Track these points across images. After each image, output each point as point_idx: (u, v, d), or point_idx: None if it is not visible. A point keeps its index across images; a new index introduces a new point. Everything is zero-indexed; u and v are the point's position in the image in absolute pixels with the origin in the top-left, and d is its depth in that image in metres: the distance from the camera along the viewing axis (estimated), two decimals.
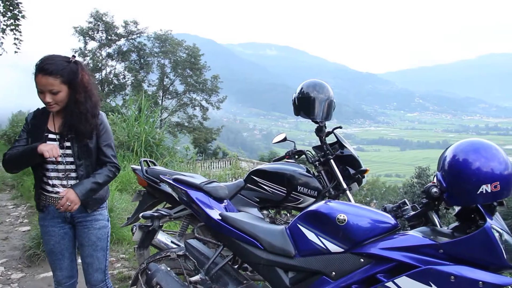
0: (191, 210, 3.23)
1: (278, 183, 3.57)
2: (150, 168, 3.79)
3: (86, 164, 2.60)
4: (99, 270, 2.76)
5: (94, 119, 2.57)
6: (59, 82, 2.41)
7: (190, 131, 37.15)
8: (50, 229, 2.67)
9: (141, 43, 38.56)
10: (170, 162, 8.49)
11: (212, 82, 38.74)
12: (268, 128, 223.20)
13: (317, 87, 3.70)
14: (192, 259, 2.51)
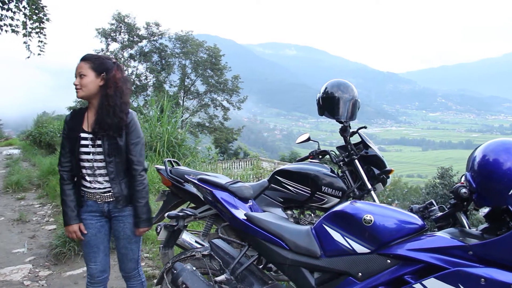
0: (216, 210, 3.24)
1: (302, 183, 3.55)
2: (174, 168, 3.82)
3: (116, 161, 2.71)
4: (133, 260, 2.93)
5: (123, 115, 2.68)
6: (88, 67, 2.63)
7: (211, 131, 37.30)
8: (87, 221, 2.81)
9: (163, 44, 38.87)
10: (192, 162, 8.53)
11: (233, 82, 38.81)
12: (288, 128, 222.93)
13: (341, 87, 3.67)
14: (217, 259, 2.51)
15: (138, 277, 3.01)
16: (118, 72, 2.71)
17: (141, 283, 3.03)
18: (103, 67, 2.65)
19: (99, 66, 2.64)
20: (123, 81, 2.72)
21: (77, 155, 2.69)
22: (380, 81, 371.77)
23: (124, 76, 2.77)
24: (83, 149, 2.69)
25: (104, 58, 2.72)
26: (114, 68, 2.69)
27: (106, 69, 2.66)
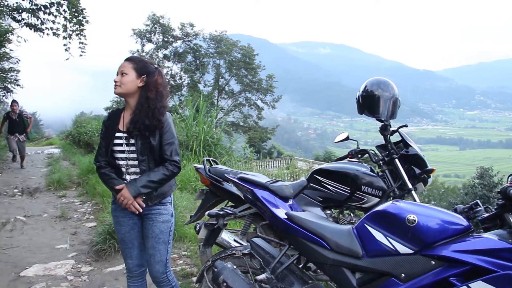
0: (256, 209, 3.25)
1: (342, 183, 3.52)
2: (212, 167, 3.85)
3: (148, 160, 2.77)
4: (160, 262, 2.90)
5: (161, 117, 2.75)
6: (130, 67, 2.75)
7: (245, 130, 37.42)
8: (121, 219, 2.89)
9: (197, 44, 39.20)
10: (228, 161, 8.58)
11: (267, 81, 38.82)
12: (322, 128, 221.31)
13: (381, 85, 3.62)
14: (258, 258, 2.51)
15: (167, 283, 2.96)
16: (160, 77, 2.81)
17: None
18: (145, 69, 2.75)
19: (141, 68, 2.75)
20: (163, 86, 2.83)
21: (112, 153, 2.78)
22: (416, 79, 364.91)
23: (165, 81, 2.87)
24: (117, 147, 2.78)
25: (147, 62, 2.82)
26: (156, 72, 2.79)
27: (148, 72, 2.76)
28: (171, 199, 2.95)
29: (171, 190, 2.94)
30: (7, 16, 10.59)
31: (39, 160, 15.50)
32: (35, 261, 4.97)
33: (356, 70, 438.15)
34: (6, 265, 4.84)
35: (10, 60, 17.10)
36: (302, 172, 9.72)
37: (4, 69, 17.24)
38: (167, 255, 2.93)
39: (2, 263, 4.91)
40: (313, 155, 33.62)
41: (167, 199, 2.90)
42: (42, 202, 8.35)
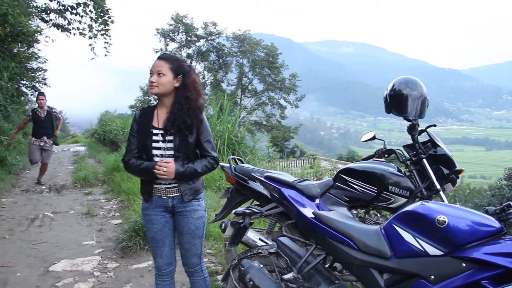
0: (282, 208, 3.24)
1: (369, 182, 3.49)
2: (238, 165, 3.86)
3: (184, 157, 2.80)
4: (196, 255, 2.98)
5: (200, 115, 2.81)
6: (167, 67, 2.73)
7: (268, 129, 37.44)
8: (152, 217, 2.89)
9: (220, 43, 39.39)
10: (252, 160, 8.58)
11: (290, 80, 38.77)
12: (345, 127, 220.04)
13: (409, 84, 3.57)
14: (284, 257, 2.51)
15: (201, 273, 3.05)
16: (195, 76, 2.84)
17: (204, 279, 3.07)
18: (181, 69, 2.76)
19: (177, 68, 2.75)
20: (199, 84, 2.86)
21: (150, 150, 2.79)
22: (440, 78, 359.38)
23: (198, 78, 2.89)
24: (154, 144, 2.80)
25: (182, 61, 2.83)
26: (191, 71, 2.81)
27: (184, 72, 2.77)
28: (202, 195, 2.99)
29: (203, 186, 2.99)
30: (36, 17, 10.80)
31: (66, 157, 15.76)
32: (63, 256, 5.06)
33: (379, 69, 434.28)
34: (35, 260, 4.94)
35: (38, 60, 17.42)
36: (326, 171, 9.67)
37: (32, 69, 17.56)
38: (201, 248, 3.00)
39: (31, 258, 5.01)
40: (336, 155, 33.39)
41: (200, 195, 2.94)
42: (68, 199, 8.49)
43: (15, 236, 5.94)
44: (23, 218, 6.93)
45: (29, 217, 6.93)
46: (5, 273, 4.52)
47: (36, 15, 10.77)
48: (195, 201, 2.89)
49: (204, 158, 2.85)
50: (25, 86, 18.37)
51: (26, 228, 6.33)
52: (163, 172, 2.66)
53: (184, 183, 2.82)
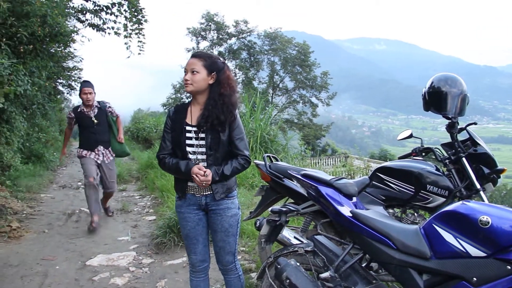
0: (319, 206, 3.22)
1: (406, 181, 3.43)
2: (273, 163, 3.86)
3: (216, 156, 2.80)
4: (230, 253, 2.98)
5: (235, 111, 2.81)
6: (200, 64, 2.74)
7: (299, 127, 37.31)
8: (186, 215, 2.92)
9: (251, 41, 39.46)
10: (284, 158, 8.56)
11: (321, 78, 38.54)
12: (377, 125, 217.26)
13: (449, 81, 3.48)
14: (321, 256, 2.49)
15: (235, 271, 3.05)
16: (229, 72, 2.82)
17: (238, 277, 3.08)
18: (215, 66, 2.76)
19: (211, 65, 2.75)
20: (233, 80, 2.85)
21: (184, 147, 2.81)
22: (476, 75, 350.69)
23: (232, 74, 2.87)
24: (187, 141, 2.82)
25: (215, 57, 2.82)
26: (225, 67, 2.80)
27: (218, 69, 2.76)
28: (236, 193, 2.99)
29: (236, 184, 2.98)
30: (72, 17, 11.03)
31: None
32: (99, 251, 5.17)
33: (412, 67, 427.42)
34: (73, 254, 5.07)
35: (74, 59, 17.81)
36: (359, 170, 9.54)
37: (68, 68, 17.97)
38: (235, 246, 3.00)
39: (69, 252, 5.14)
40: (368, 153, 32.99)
41: (233, 193, 2.93)
42: None
43: (53, 230, 6.10)
44: (60, 213, 7.12)
45: (67, 212, 7.12)
46: (45, 266, 4.66)
47: (72, 15, 11.01)
48: (228, 199, 2.89)
49: (236, 158, 2.83)
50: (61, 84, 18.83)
51: (64, 223, 6.50)
52: (199, 182, 2.67)
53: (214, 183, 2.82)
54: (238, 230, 3.00)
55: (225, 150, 2.83)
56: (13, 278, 4.34)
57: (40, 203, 7.86)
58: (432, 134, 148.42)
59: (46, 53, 8.69)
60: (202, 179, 2.64)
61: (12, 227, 5.81)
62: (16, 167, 8.80)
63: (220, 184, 2.82)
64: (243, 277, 3.14)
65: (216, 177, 2.71)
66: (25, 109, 9.77)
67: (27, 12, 7.12)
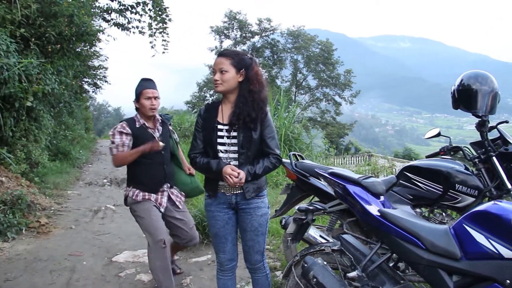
0: (346, 205, 3.20)
1: (434, 180, 3.38)
2: (299, 161, 3.85)
3: (248, 154, 2.78)
4: (259, 252, 2.96)
5: (265, 107, 2.79)
6: (228, 63, 2.72)
7: (323, 126, 37.15)
8: (216, 214, 2.91)
9: (274, 39, 39.43)
10: (308, 156, 8.54)
11: (345, 76, 38.31)
12: (401, 124, 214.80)
13: (479, 78, 3.41)
14: (348, 255, 2.47)
15: (263, 270, 3.03)
16: (257, 68, 2.79)
17: (265, 276, 3.06)
18: (243, 63, 2.74)
19: (239, 63, 2.73)
20: (261, 76, 2.81)
21: (215, 146, 2.80)
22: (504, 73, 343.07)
23: (260, 69, 2.84)
24: (219, 139, 2.81)
25: (243, 54, 2.80)
26: (253, 64, 2.77)
27: (246, 66, 2.74)
28: (265, 192, 2.97)
29: (266, 183, 2.96)
30: (98, 17, 11.20)
31: None
32: (125, 247, 5.23)
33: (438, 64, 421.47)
34: (99, 250, 5.14)
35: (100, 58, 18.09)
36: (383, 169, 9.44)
37: (94, 67, 18.27)
38: (264, 245, 2.98)
39: (96, 248, 5.22)
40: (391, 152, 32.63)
41: (263, 192, 2.91)
42: None
43: (80, 226, 6.20)
44: (87, 209, 7.23)
45: (93, 209, 7.23)
46: (73, 261, 4.74)
47: (98, 15, 11.18)
48: (259, 198, 2.87)
49: (267, 157, 2.81)
50: (87, 83, 19.16)
51: (90, 219, 6.61)
52: (232, 183, 2.65)
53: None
54: (267, 230, 2.98)
55: (257, 148, 2.81)
56: (43, 272, 4.42)
57: (67, 199, 8.00)
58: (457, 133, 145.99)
59: (72, 52, 8.85)
60: (236, 180, 2.63)
61: (41, 223, 5.93)
62: (44, 164, 9.01)
63: (251, 183, 2.80)
64: (270, 276, 3.13)
65: (248, 177, 2.70)
66: (52, 107, 9.98)
67: (55, 12, 7.26)
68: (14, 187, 6.57)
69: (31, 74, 6.63)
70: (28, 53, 6.95)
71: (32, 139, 8.23)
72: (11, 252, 4.99)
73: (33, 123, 7.98)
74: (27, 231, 5.73)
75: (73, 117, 15.57)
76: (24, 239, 5.50)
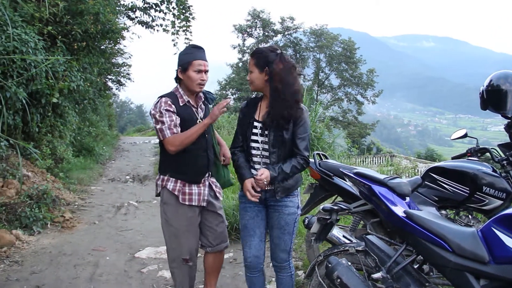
0: (370, 205, 3.18)
1: (460, 182, 3.33)
2: (322, 161, 3.83)
3: (278, 154, 2.79)
4: (285, 251, 2.95)
5: (295, 104, 2.74)
6: (253, 63, 2.78)
7: (344, 125, 36.93)
8: (246, 205, 2.95)
9: (297, 38, 39.35)
10: (331, 156, 8.49)
11: (367, 76, 38.02)
12: (423, 124, 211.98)
13: (509, 79, 3.33)
14: (373, 256, 2.45)
15: (288, 269, 3.02)
16: (280, 64, 2.72)
17: (290, 276, 3.05)
18: (265, 61, 2.72)
19: (261, 61, 2.73)
20: (285, 71, 2.72)
21: (249, 142, 2.84)
22: None
23: (287, 64, 2.75)
24: (253, 137, 2.84)
25: (268, 51, 2.76)
26: (276, 60, 2.72)
27: (268, 63, 2.71)
28: (297, 192, 2.96)
29: (297, 184, 2.92)
30: (123, 14, 11.33)
31: (147, 149, 16.41)
32: (147, 244, 5.27)
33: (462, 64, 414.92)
34: (122, 246, 5.20)
35: (123, 56, 18.30)
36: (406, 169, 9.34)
37: (118, 64, 18.48)
38: (291, 245, 2.97)
39: (119, 244, 5.28)
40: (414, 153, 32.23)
41: (294, 192, 2.91)
42: (151, 189, 8.83)
43: (103, 222, 6.28)
44: (110, 205, 7.31)
45: (116, 205, 7.31)
46: (96, 256, 4.80)
47: (123, 13, 11.30)
48: (287, 197, 2.87)
49: (295, 157, 2.78)
50: (111, 80, 19.38)
51: (113, 215, 6.68)
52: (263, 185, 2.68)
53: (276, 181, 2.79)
54: (295, 230, 2.96)
55: (290, 149, 2.80)
56: (67, 266, 4.49)
57: (91, 195, 8.11)
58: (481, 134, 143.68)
59: (97, 50, 8.96)
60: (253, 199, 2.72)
61: (65, 218, 6.02)
62: (68, 159, 9.14)
63: (281, 184, 2.80)
64: (294, 276, 3.12)
65: (274, 174, 2.68)
66: (77, 103, 10.13)
67: (81, 10, 7.36)
68: (39, 182, 6.69)
69: (57, 71, 6.74)
70: (54, 50, 7.07)
71: (57, 135, 8.37)
72: (37, 246, 5.09)
73: (59, 119, 8.11)
74: (52, 225, 5.83)
75: (97, 114, 15.76)
76: (49, 233, 5.59)
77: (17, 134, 6.66)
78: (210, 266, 3.40)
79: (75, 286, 4.02)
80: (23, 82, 5.86)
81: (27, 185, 6.31)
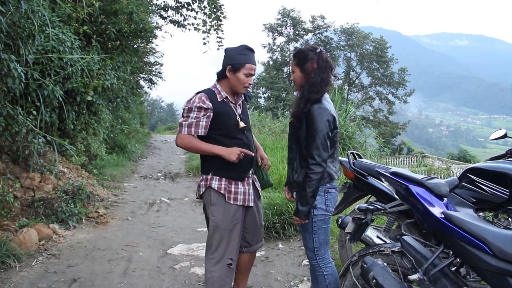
0: (407, 206, 3.13)
1: (500, 183, 3.24)
2: (356, 160, 3.79)
3: (296, 149, 2.88)
4: (308, 249, 3.02)
5: (302, 105, 2.77)
6: (294, 63, 2.87)
7: (375, 125, 36.53)
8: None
9: (328, 37, 39.13)
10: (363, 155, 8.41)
11: (399, 75, 37.51)
12: (456, 125, 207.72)
13: None
14: (409, 257, 2.41)
15: (319, 269, 3.01)
16: (314, 63, 2.76)
17: (322, 276, 3.01)
18: (303, 61, 2.79)
19: (300, 61, 2.81)
20: (316, 72, 2.75)
21: None
22: None
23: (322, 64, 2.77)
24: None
25: (308, 50, 2.81)
26: (313, 59, 2.76)
27: (305, 61, 2.79)
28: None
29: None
30: (156, 14, 11.47)
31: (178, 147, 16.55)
32: (179, 240, 5.32)
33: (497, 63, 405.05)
34: (155, 242, 5.26)
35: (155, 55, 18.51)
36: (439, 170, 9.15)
37: (150, 63, 18.70)
38: (313, 244, 2.95)
39: (151, 240, 5.34)
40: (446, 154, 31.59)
41: None
42: (182, 187, 8.93)
43: (136, 218, 6.37)
44: (142, 202, 7.41)
45: (148, 202, 7.40)
46: (129, 252, 4.87)
47: (156, 12, 11.44)
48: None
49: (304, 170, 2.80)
50: (143, 79, 19.64)
51: (145, 212, 6.77)
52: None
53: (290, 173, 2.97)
54: (313, 229, 2.93)
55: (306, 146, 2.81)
56: (101, 261, 4.58)
57: (123, 191, 8.24)
58: None
59: (131, 49, 9.09)
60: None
61: (99, 213, 6.14)
62: (102, 156, 9.31)
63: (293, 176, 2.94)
64: (330, 278, 3.03)
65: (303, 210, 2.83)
66: (110, 101, 10.31)
67: (115, 10, 7.49)
68: (75, 178, 6.84)
69: (92, 70, 6.87)
70: (89, 49, 7.21)
71: (91, 132, 8.53)
72: (73, 240, 5.20)
73: (93, 117, 8.27)
74: (87, 220, 5.95)
75: (129, 112, 16.00)
76: (84, 228, 5.71)
77: (53, 131, 6.81)
78: (244, 266, 3.32)
79: (109, 280, 4.09)
80: (60, 81, 6.00)
81: (63, 180, 6.46)
